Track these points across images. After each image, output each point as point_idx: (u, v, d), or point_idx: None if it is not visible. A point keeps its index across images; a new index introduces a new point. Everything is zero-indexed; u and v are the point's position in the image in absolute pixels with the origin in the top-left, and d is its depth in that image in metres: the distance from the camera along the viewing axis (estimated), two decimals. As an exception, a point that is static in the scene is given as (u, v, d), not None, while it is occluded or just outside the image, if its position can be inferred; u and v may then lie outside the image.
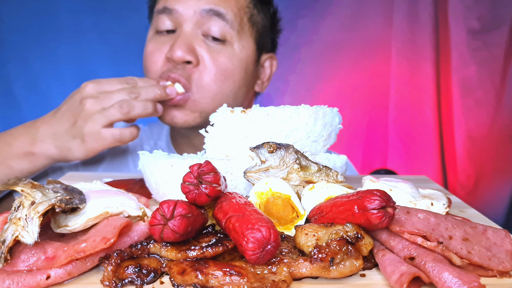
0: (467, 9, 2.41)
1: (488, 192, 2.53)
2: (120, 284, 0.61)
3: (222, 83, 1.39)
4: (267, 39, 1.55)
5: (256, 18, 1.47)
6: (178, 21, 1.37)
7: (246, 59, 1.44)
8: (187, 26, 1.36)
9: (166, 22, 1.39)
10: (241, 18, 1.41)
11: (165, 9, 1.38)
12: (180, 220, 0.63)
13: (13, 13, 2.31)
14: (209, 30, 1.36)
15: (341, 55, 2.63)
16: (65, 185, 0.75)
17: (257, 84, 1.59)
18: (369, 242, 0.66)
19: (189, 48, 1.34)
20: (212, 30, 1.36)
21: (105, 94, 1.26)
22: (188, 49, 1.34)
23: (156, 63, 1.39)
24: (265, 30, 1.52)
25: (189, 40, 1.35)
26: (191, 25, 1.36)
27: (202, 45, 1.36)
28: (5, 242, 0.63)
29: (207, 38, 1.37)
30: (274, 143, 0.83)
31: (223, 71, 1.38)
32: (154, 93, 1.29)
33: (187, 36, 1.36)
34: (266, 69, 1.59)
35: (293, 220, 0.77)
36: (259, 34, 1.48)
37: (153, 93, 1.29)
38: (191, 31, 1.36)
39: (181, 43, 1.33)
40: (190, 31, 1.36)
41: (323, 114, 0.96)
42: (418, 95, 2.60)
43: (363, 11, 2.57)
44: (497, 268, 0.65)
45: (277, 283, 0.59)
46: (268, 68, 1.59)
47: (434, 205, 0.80)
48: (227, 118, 0.91)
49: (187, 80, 1.35)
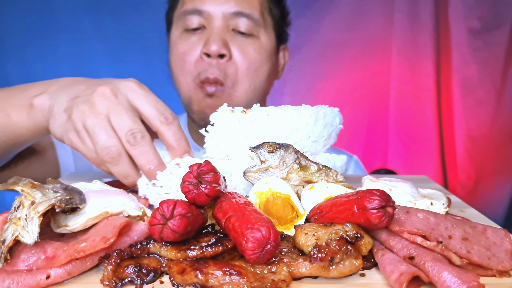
0: (468, 9, 2.41)
1: (488, 192, 2.53)
2: (120, 283, 0.61)
3: (253, 75, 1.46)
4: (282, 30, 1.63)
5: (274, 11, 1.54)
6: (208, 19, 1.42)
7: (271, 51, 1.52)
8: (217, 23, 1.42)
9: (195, 21, 1.43)
10: (263, 13, 1.48)
11: (194, 11, 1.43)
12: (180, 219, 0.63)
13: (13, 13, 2.31)
14: (237, 26, 1.43)
15: (341, 54, 2.63)
16: (65, 185, 0.75)
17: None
18: (369, 241, 0.66)
19: (223, 42, 1.40)
20: (240, 27, 1.43)
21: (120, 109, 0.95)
22: (222, 43, 1.39)
23: (190, 62, 1.43)
24: (280, 22, 1.60)
25: (222, 34, 1.41)
26: (220, 21, 1.42)
27: (233, 39, 1.42)
28: (5, 242, 0.63)
29: (236, 33, 1.44)
30: (274, 143, 0.83)
31: (253, 63, 1.45)
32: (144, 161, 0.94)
33: (219, 31, 1.41)
34: (281, 60, 1.67)
35: (293, 220, 0.77)
36: (277, 26, 1.57)
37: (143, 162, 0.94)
38: (221, 27, 1.42)
39: (215, 38, 1.39)
40: (220, 27, 1.42)
41: (323, 114, 0.96)
42: (419, 95, 2.60)
43: (363, 10, 2.57)
44: (496, 267, 0.65)
45: (277, 282, 0.59)
46: (282, 59, 1.67)
47: (434, 205, 0.80)
48: (227, 118, 0.91)
49: (223, 77, 1.41)
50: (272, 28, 1.53)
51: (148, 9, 2.28)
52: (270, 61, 1.52)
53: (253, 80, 1.46)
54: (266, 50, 1.49)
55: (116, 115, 0.95)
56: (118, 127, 0.93)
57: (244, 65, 1.43)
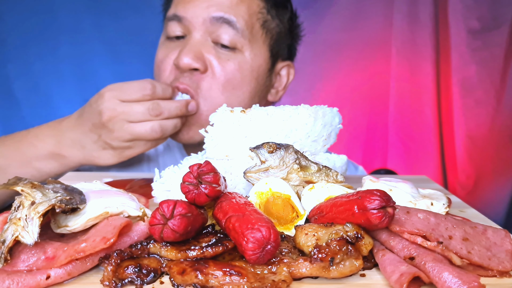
0: (467, 9, 2.41)
1: (488, 192, 2.53)
2: (120, 284, 0.61)
3: (231, 93, 1.33)
4: (283, 46, 1.48)
5: (270, 24, 1.40)
6: (188, 28, 1.34)
7: (257, 68, 1.37)
8: (196, 33, 1.32)
9: (176, 29, 1.35)
10: (253, 25, 1.35)
11: (174, 16, 1.34)
12: (180, 219, 0.63)
13: (13, 13, 2.31)
14: (219, 37, 1.31)
15: (341, 55, 2.63)
16: (65, 185, 0.75)
17: (271, 94, 1.51)
18: (369, 242, 0.66)
19: (196, 55, 1.30)
20: (222, 37, 1.31)
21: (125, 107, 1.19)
22: (195, 56, 1.29)
23: (165, 70, 1.36)
24: (280, 36, 1.45)
25: (197, 47, 1.31)
26: (200, 32, 1.32)
27: (211, 52, 1.32)
28: (5, 242, 0.63)
29: (217, 45, 1.33)
30: (274, 143, 0.83)
31: (231, 79, 1.32)
32: (177, 110, 1.24)
33: (195, 43, 1.32)
34: (283, 78, 1.51)
35: (293, 220, 0.77)
36: (273, 41, 1.42)
37: (176, 111, 1.24)
38: (200, 38, 1.32)
39: (188, 50, 1.29)
40: (199, 38, 1.32)
41: (323, 114, 0.96)
42: (418, 95, 2.60)
43: (363, 11, 2.57)
44: (497, 268, 0.65)
45: (277, 283, 0.59)
46: (284, 77, 1.51)
47: (434, 205, 0.80)
48: (226, 118, 0.91)
49: (195, 90, 1.31)
50: (263, 43, 1.38)
51: (148, 9, 2.28)
52: (256, 80, 1.37)
53: (229, 99, 1.32)
54: (250, 67, 1.34)
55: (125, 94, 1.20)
56: (133, 99, 1.21)
57: (220, 79, 1.31)
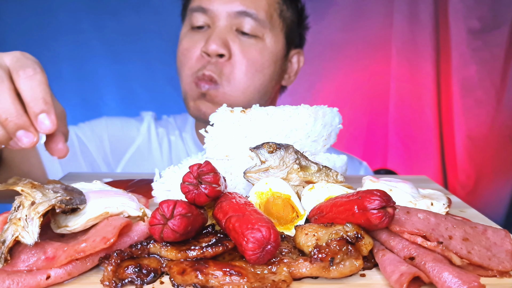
0: (468, 9, 2.41)
1: (488, 192, 2.53)
2: (120, 284, 0.60)
3: (253, 75, 1.45)
4: (296, 34, 1.62)
5: (285, 13, 1.53)
6: (212, 18, 1.44)
7: (276, 53, 1.50)
8: (221, 23, 1.43)
9: (201, 18, 1.46)
10: (271, 15, 1.48)
11: (199, 8, 1.45)
12: (180, 219, 0.63)
13: (13, 13, 2.31)
14: (242, 27, 1.43)
15: (341, 55, 2.63)
16: (65, 185, 0.75)
17: (284, 79, 1.65)
18: (369, 242, 0.66)
19: (223, 42, 1.41)
20: (244, 27, 1.43)
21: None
22: (222, 43, 1.40)
23: (192, 58, 1.46)
24: (293, 25, 1.58)
25: (223, 34, 1.42)
26: (225, 22, 1.43)
27: (234, 40, 1.43)
28: (5, 242, 0.63)
29: (240, 33, 1.44)
30: (274, 143, 0.83)
31: (254, 64, 1.45)
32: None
33: (221, 31, 1.43)
34: (294, 64, 1.65)
35: (293, 220, 0.77)
36: (288, 29, 1.55)
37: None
38: (224, 27, 1.43)
39: (215, 37, 1.40)
40: (223, 27, 1.43)
41: (323, 114, 0.96)
42: (418, 95, 2.60)
43: (363, 11, 2.56)
44: (497, 268, 0.65)
45: (277, 283, 0.59)
46: (295, 64, 1.66)
47: (434, 205, 0.80)
48: (226, 118, 0.91)
49: (218, 75, 1.42)
50: (281, 31, 1.52)
51: (148, 9, 2.28)
52: (275, 64, 1.51)
53: (253, 81, 1.46)
54: (270, 52, 1.48)
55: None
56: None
57: (243, 65, 1.43)
